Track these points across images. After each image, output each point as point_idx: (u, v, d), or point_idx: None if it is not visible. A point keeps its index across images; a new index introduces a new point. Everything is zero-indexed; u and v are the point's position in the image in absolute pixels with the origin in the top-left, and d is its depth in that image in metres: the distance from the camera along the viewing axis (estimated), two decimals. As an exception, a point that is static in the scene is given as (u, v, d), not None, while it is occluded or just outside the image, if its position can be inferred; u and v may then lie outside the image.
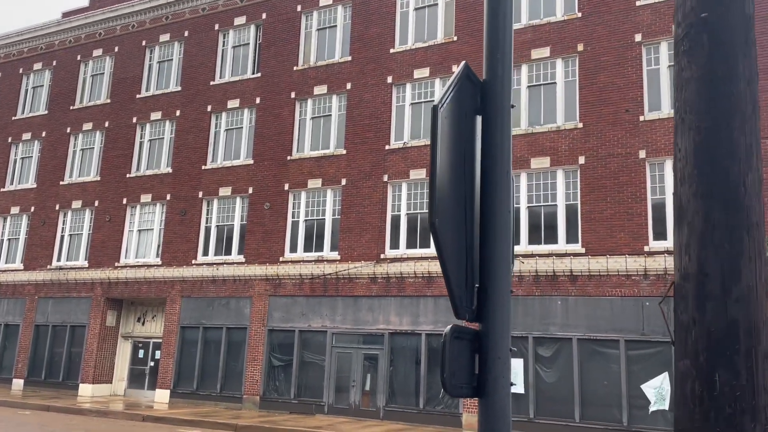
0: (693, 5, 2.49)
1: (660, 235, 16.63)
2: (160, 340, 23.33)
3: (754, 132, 2.37)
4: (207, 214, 23.40)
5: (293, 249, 21.45)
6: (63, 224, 26.46)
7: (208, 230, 23.25)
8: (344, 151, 21.19)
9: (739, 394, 2.14)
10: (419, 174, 19.90)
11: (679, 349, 2.29)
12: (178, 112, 24.78)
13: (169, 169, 24.39)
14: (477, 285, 2.10)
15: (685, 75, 2.48)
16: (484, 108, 2.21)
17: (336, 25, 22.69)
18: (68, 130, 27.31)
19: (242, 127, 23.51)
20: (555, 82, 18.77)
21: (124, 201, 25.01)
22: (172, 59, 25.79)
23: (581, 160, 17.76)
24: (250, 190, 22.51)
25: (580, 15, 18.65)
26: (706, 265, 2.25)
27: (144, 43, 26.34)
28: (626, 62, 17.83)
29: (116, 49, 26.93)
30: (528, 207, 18.27)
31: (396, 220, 20.02)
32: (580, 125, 17.97)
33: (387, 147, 20.54)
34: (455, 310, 2.01)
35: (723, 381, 2.16)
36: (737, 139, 2.32)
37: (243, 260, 22.00)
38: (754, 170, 2.32)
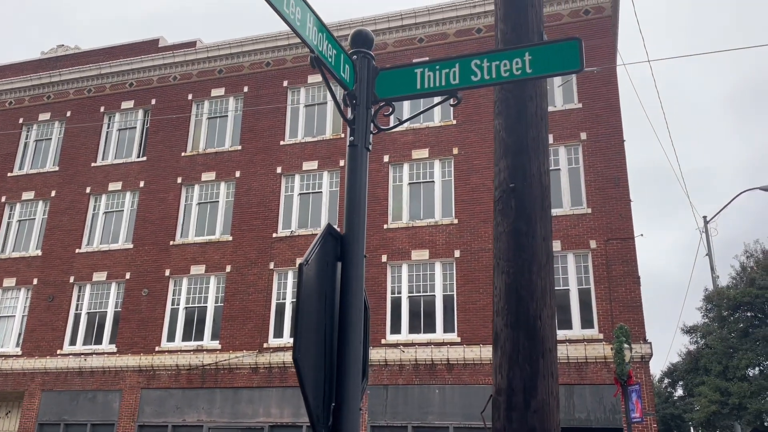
0: (505, 176, 3.26)
1: (527, 325, 17.95)
2: (12, 441, 21.09)
3: (549, 276, 3.10)
4: (78, 300, 22.09)
5: (171, 338, 20.67)
6: None
7: (77, 317, 21.87)
8: (230, 238, 21.19)
9: (537, 487, 2.73)
10: (305, 263, 20.25)
11: (495, 451, 2.86)
12: (53, 193, 23.71)
13: (39, 252, 22.98)
14: (334, 404, 2.56)
15: (500, 229, 3.20)
16: (343, 257, 2.76)
17: (227, 115, 23.22)
18: None
19: (123, 210, 22.88)
20: (433, 181, 20.27)
21: (-17, 285, 23.06)
22: (51, 138, 24.89)
23: (457, 253, 19.03)
24: (128, 276, 21.67)
25: (455, 122, 20.54)
26: (512, 382, 2.87)
27: (21, 120, 25.31)
28: (495, 166, 19.72)
29: (-12, 124, 25.63)
30: (409, 296, 19.10)
31: (281, 308, 20.04)
32: (456, 221, 19.39)
33: (274, 235, 20.83)
34: (313, 427, 2.45)
35: (525, 477, 2.74)
36: (535, 282, 3.03)
37: (115, 350, 20.81)
38: (548, 307, 3.03)
